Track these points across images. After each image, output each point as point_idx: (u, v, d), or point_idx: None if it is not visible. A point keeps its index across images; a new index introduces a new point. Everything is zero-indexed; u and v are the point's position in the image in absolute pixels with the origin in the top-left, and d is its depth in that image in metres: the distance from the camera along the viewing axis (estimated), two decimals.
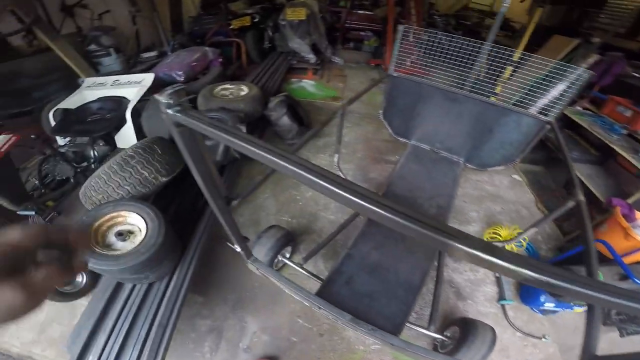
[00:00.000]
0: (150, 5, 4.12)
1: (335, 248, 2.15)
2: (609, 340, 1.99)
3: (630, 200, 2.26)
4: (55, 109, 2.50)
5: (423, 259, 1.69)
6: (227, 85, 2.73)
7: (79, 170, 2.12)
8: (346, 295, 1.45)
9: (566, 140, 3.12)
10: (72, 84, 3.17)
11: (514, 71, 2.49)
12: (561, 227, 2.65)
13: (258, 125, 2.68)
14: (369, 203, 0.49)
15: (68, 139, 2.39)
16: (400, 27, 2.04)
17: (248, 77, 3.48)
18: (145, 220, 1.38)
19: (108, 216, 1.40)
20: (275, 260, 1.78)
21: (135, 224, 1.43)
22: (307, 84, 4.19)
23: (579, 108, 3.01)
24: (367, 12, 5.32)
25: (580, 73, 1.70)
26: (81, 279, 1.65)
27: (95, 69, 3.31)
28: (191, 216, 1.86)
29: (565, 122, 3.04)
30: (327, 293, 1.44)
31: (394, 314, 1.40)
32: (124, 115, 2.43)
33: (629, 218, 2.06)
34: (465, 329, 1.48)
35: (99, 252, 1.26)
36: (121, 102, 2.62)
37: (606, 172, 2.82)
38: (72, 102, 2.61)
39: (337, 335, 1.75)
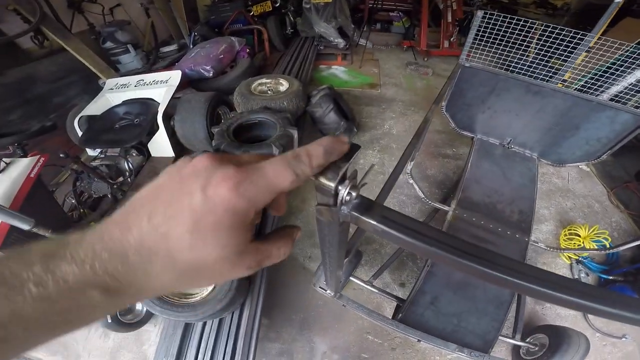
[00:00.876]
0: None
1: (400, 257, 1.97)
2: None
3: None
4: (80, 116, 2.30)
5: None
6: (264, 80, 2.45)
7: (115, 185, 1.91)
8: (432, 317, 1.39)
9: None
10: (91, 86, 2.96)
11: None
12: (639, 222, 2.40)
13: (298, 124, 2.41)
14: None
15: (98, 150, 2.18)
16: (479, 13, 1.75)
17: (277, 67, 3.19)
18: None
19: None
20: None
21: None
22: (338, 71, 3.86)
23: None
24: None
25: None
26: (141, 308, 1.58)
27: (115, 68, 3.06)
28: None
29: None
30: (412, 316, 1.39)
31: (485, 331, 1.35)
32: (155, 119, 2.20)
33: None
34: (556, 337, 1.44)
35: (174, 301, 1.08)
36: (149, 104, 2.39)
37: None
38: (96, 107, 2.39)
39: (410, 348, 1.68)
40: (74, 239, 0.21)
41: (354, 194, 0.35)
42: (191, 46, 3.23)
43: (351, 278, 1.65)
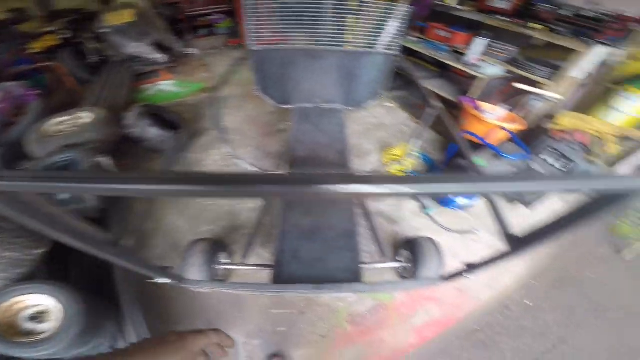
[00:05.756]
0: None
1: (270, 231, 2.07)
2: (522, 214, 2.40)
3: (472, 95, 2.85)
4: None
5: (345, 203, 1.78)
6: (61, 119, 2.18)
7: None
8: (300, 269, 1.44)
9: (413, 66, 3.70)
10: None
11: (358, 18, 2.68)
12: (440, 132, 3.18)
13: (120, 149, 2.27)
14: (272, 184, 0.40)
15: None
16: (245, 2, 1.93)
17: (86, 100, 2.87)
18: (48, 296, 1.20)
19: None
20: (217, 271, 1.61)
21: (41, 303, 1.21)
22: (166, 85, 3.73)
23: (412, 38, 3.51)
24: None
25: (405, 9, 2.00)
26: None
27: None
28: (102, 266, 1.53)
29: (408, 51, 3.55)
30: (282, 275, 1.42)
31: (348, 264, 1.45)
32: None
33: (476, 108, 2.61)
34: (413, 249, 1.55)
35: (23, 341, 1.09)
36: None
37: (449, 81, 3.46)
38: None
39: (316, 305, 1.79)
40: None
41: None
42: None
43: (227, 267, 1.65)
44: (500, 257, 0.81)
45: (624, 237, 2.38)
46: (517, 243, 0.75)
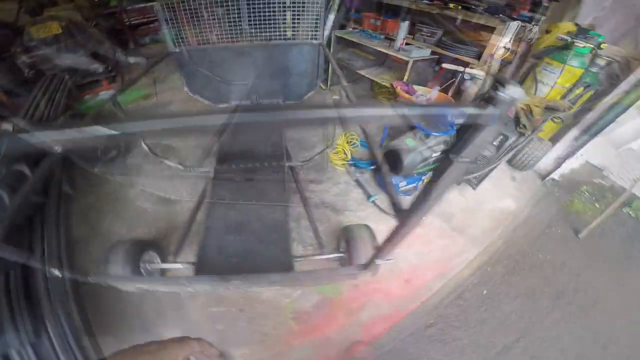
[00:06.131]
0: None
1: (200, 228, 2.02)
2: (469, 195, 2.43)
3: (405, 80, 2.94)
4: None
5: (277, 195, 1.73)
6: None
7: None
8: (225, 263, 1.37)
9: (354, 56, 3.75)
10: None
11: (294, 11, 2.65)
12: None
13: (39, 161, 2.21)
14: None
15: None
16: (157, 6, 1.90)
17: (20, 114, 2.78)
18: None
19: None
20: (143, 270, 1.57)
21: None
22: (108, 95, 3.67)
23: (350, 29, 3.58)
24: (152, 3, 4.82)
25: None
26: None
27: None
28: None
29: (347, 43, 3.61)
30: (203, 270, 1.34)
31: (278, 256, 1.38)
32: None
33: (410, 92, 2.69)
34: (347, 237, 1.49)
35: None
36: None
37: (387, 68, 3.55)
38: None
39: (257, 303, 1.69)
40: None
41: None
42: None
43: (158, 267, 1.63)
44: (396, 232, 0.80)
45: (578, 214, 2.38)
46: (405, 214, 0.74)
